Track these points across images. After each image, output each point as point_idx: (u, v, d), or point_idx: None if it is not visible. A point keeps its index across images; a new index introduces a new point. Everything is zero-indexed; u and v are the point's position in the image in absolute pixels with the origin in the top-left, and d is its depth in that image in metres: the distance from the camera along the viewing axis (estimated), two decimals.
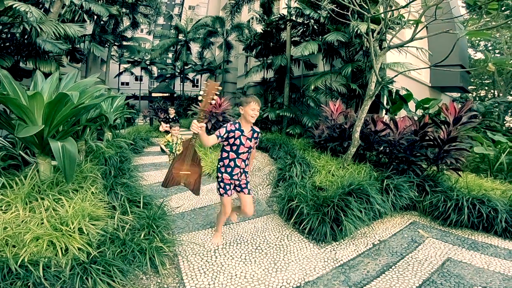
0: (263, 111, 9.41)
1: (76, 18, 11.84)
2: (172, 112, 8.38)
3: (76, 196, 3.11)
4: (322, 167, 4.73)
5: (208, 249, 2.74)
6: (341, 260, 2.67)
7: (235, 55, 18.21)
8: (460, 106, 4.29)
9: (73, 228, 2.54)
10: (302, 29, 9.91)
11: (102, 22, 16.34)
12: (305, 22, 9.58)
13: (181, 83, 21.53)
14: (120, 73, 23.79)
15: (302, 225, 3.04)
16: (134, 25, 17.74)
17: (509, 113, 22.53)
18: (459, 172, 4.38)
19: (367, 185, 3.35)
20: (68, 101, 3.15)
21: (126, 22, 17.58)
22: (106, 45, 16.68)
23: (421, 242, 3.09)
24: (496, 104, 19.27)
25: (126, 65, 23.70)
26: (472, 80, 22.90)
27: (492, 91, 21.64)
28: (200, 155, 4.32)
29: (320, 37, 8.77)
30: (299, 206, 3.12)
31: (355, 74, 8.01)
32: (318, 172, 4.55)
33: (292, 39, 10.31)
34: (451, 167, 4.29)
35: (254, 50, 11.54)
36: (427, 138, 4.40)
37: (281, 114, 8.89)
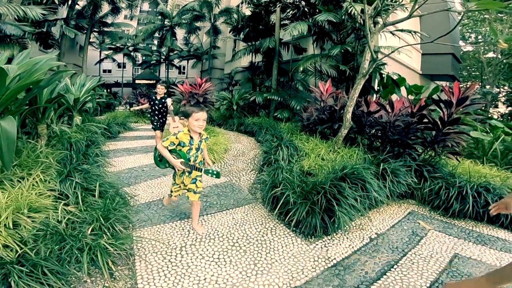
0: (250, 95, 8.91)
1: (45, 1, 10.88)
2: (161, 90, 5.14)
3: (20, 184, 2.59)
4: (311, 151, 4.30)
5: (173, 247, 2.27)
6: (334, 258, 2.25)
7: (222, 38, 17.43)
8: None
9: (2, 221, 2.02)
10: (292, 11, 9.36)
11: (77, 6, 15.33)
12: (296, 3, 9.03)
13: (166, 70, 20.58)
14: (100, 60, 22.51)
15: (289, 216, 2.60)
16: (115, 10, 16.72)
17: (493, 105, 22.91)
18: (458, 157, 4.05)
19: (362, 169, 2.92)
20: (10, 79, 2.61)
21: (107, 7, 16.46)
22: (84, 31, 15.62)
23: (423, 236, 2.72)
24: (484, 96, 19.46)
25: (107, 52, 22.44)
26: (460, 72, 23.03)
27: (480, 82, 21.81)
28: None
29: (311, 18, 8.28)
30: (284, 193, 2.67)
31: (346, 57, 7.59)
32: (307, 155, 4.12)
33: (282, 23, 9.77)
34: (450, 151, 3.96)
35: (242, 33, 10.92)
36: (426, 120, 4.04)
37: (268, 97, 8.41)
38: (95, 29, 17.19)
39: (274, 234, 2.54)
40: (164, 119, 5.33)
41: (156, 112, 5.20)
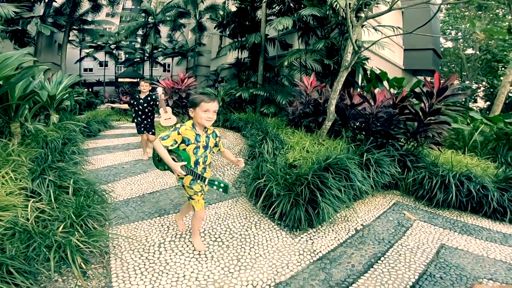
0: (236, 90, 8.83)
1: None
2: (145, 88, 4.36)
3: None
4: (296, 144, 4.27)
5: (151, 244, 2.17)
6: (320, 252, 2.20)
7: (208, 35, 17.20)
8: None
9: None
10: (278, 7, 9.33)
11: (56, 4, 14.75)
12: None
13: (150, 68, 20.12)
14: (81, 59, 21.75)
15: (272, 209, 2.55)
16: (96, 7, 16.17)
17: (472, 100, 23.77)
18: (440, 148, 4.13)
19: (345, 159, 2.91)
20: None
21: (87, 4, 15.91)
22: (63, 29, 15.03)
23: (409, 226, 2.72)
24: (463, 90, 20.05)
25: (88, 50, 21.71)
26: (441, 68, 23.71)
27: (461, 79, 22.55)
28: None
29: (296, 13, 8.28)
30: (267, 185, 2.61)
31: (331, 51, 7.64)
32: (292, 148, 4.09)
33: (268, 18, 9.72)
34: (432, 141, 4.02)
35: (228, 29, 10.78)
36: (407, 111, 4.08)
37: (254, 93, 8.35)
38: (74, 27, 16.59)
39: (258, 228, 2.47)
40: (150, 120, 4.50)
41: (140, 113, 4.39)
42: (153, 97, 4.42)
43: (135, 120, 4.46)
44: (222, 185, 1.71)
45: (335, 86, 4.29)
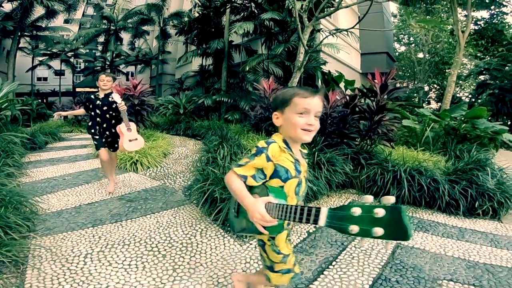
0: (198, 97, 8.63)
1: None
2: (106, 83, 3.15)
3: None
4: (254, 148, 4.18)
5: (77, 254, 1.98)
6: None
7: (173, 42, 16.81)
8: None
9: None
10: (241, 12, 9.37)
11: (3, 9, 13.59)
12: (245, 4, 9.07)
13: None
14: (33, 67, 20.12)
15: (219, 214, 2.40)
16: (51, 13, 15.09)
17: (426, 101, 25.74)
18: (392, 144, 4.26)
19: None
20: None
21: (41, 10, 14.83)
22: (11, 36, 13.85)
23: None
24: (416, 92, 21.70)
25: (41, 58, 20.17)
26: (396, 73, 25.43)
27: (414, 82, 24.35)
28: None
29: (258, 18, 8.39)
30: (210, 189, 2.46)
31: (290, 55, 7.80)
32: (249, 152, 3.99)
33: (233, 24, 9.71)
34: (383, 138, 4.14)
35: (190, 35, 10.58)
36: (357, 110, 4.19)
37: (218, 99, 8.22)
38: (25, 33, 15.34)
39: (203, 236, 2.30)
40: (113, 128, 3.18)
41: (99, 119, 3.11)
42: (113, 104, 3.13)
43: (92, 130, 3.15)
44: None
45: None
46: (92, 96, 3.20)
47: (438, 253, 2.18)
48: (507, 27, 17.41)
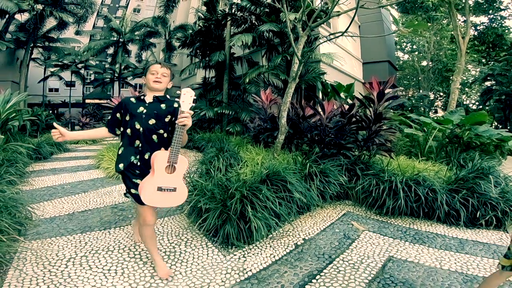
0: (200, 110, 8.75)
1: None
2: (158, 78, 1.78)
3: None
4: (251, 159, 4.21)
5: (61, 258, 2.06)
6: (250, 270, 2.02)
7: (177, 54, 17.18)
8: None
9: None
10: (242, 24, 9.57)
11: (20, 19, 14.22)
12: (245, 16, 9.27)
13: (119, 88, 19.64)
14: (45, 78, 20.81)
15: (204, 224, 2.40)
16: (62, 25, 15.70)
17: (433, 110, 25.41)
18: (391, 154, 4.19)
19: (283, 170, 2.83)
20: None
21: (53, 21, 15.46)
22: (24, 46, 14.44)
23: (355, 238, 2.54)
24: (421, 100, 21.46)
25: (53, 69, 20.86)
26: (401, 81, 25.28)
27: (419, 90, 24.16)
28: None
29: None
30: (195, 200, 2.50)
31: (289, 66, 7.88)
32: (246, 164, 4.01)
33: (234, 36, 9.92)
34: (382, 148, 4.07)
35: (193, 47, 10.82)
36: (355, 119, 4.17)
37: (219, 111, 8.31)
38: (38, 44, 15.93)
39: (188, 245, 2.31)
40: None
41: (139, 142, 1.77)
42: (174, 106, 1.84)
43: (123, 163, 1.77)
44: None
45: (284, 98, 4.35)
46: (132, 99, 1.83)
47: (433, 267, 2.08)
48: (507, 31, 17.17)
